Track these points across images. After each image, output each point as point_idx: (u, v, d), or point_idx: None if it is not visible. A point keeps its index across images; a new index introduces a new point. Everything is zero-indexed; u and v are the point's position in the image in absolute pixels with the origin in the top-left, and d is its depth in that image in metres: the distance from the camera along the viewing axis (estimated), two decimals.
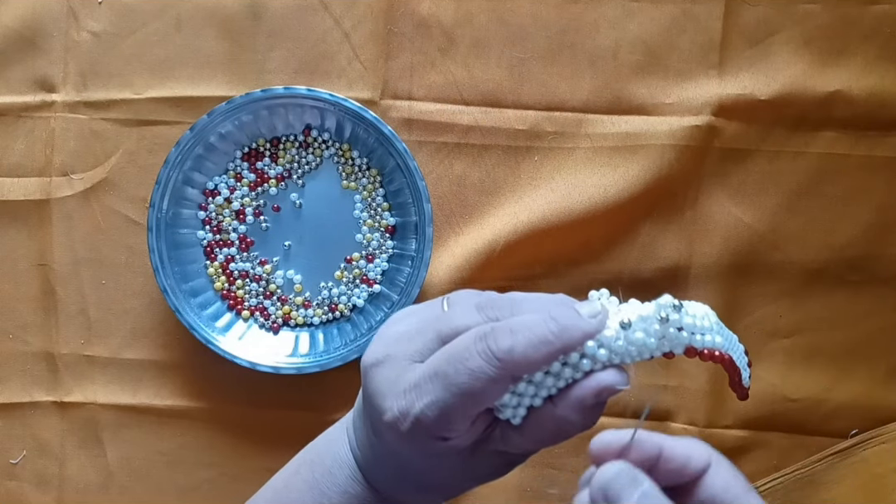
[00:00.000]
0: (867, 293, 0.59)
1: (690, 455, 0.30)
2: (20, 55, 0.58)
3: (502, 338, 0.30)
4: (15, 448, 0.59)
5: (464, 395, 0.30)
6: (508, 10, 0.58)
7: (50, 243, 0.58)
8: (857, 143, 0.58)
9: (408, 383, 0.32)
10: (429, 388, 0.31)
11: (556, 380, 0.32)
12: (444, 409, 0.31)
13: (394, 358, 0.33)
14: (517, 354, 0.30)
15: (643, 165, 0.57)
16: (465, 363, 0.30)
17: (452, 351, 0.31)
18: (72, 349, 0.59)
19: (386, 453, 0.35)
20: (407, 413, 0.31)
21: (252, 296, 0.58)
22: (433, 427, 0.31)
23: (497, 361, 0.30)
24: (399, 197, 0.57)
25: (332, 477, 0.37)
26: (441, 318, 0.33)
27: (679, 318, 0.33)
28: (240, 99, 0.55)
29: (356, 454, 0.38)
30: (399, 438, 0.32)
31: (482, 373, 0.30)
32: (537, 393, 0.32)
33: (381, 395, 0.32)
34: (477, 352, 0.30)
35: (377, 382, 0.33)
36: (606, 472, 0.29)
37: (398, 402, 0.31)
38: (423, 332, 0.33)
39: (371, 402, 0.33)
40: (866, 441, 0.57)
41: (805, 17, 0.57)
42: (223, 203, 0.58)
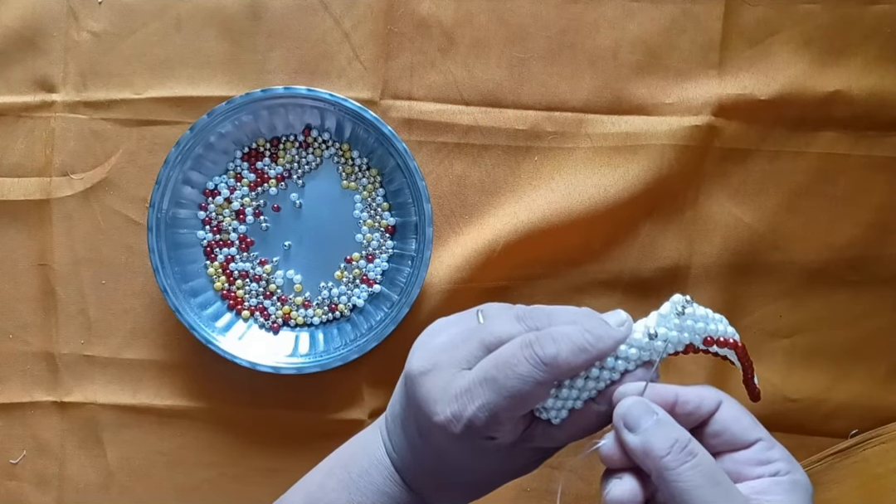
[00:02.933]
0: (867, 293, 0.59)
1: (703, 397, 0.34)
2: (20, 55, 0.58)
3: (548, 345, 0.33)
4: (15, 448, 0.59)
5: (513, 397, 0.33)
6: (508, 10, 0.58)
7: (50, 243, 0.58)
8: (857, 143, 0.58)
9: (458, 388, 0.34)
10: (480, 392, 0.34)
11: (595, 383, 0.36)
12: (494, 411, 0.33)
13: (441, 366, 0.35)
14: (561, 360, 0.33)
15: (643, 165, 0.57)
16: (515, 368, 0.33)
17: (501, 358, 0.34)
18: (72, 349, 0.59)
19: (430, 454, 0.37)
20: (460, 416, 0.34)
21: (252, 296, 0.58)
22: (484, 428, 0.34)
23: (544, 367, 0.33)
24: (399, 197, 0.57)
25: (369, 477, 0.39)
26: (483, 328, 0.36)
27: (693, 311, 0.36)
28: (240, 99, 0.55)
29: (392, 456, 0.40)
30: (449, 439, 0.35)
31: (530, 377, 0.33)
32: (579, 396, 0.36)
33: (433, 401, 0.35)
34: (525, 357, 0.33)
35: (427, 389, 0.35)
36: (625, 403, 0.34)
37: (451, 406, 0.34)
38: (468, 342, 0.36)
39: (421, 408, 0.35)
40: (866, 441, 0.57)
41: (805, 17, 0.57)
42: (223, 203, 0.58)
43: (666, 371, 0.58)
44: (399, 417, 0.39)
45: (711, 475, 0.32)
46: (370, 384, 0.58)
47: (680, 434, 0.32)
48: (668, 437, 0.32)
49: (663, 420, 0.33)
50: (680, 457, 0.32)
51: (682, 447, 0.32)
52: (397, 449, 0.40)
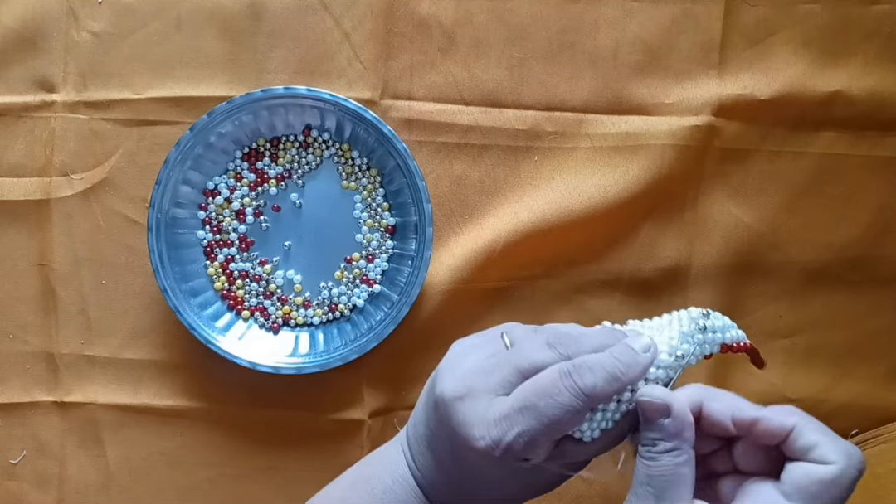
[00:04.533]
0: (867, 293, 0.59)
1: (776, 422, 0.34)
2: (20, 55, 0.58)
3: (586, 376, 0.35)
4: (15, 448, 0.59)
5: (553, 424, 0.35)
6: (508, 10, 0.58)
7: (50, 243, 0.58)
8: (857, 143, 0.58)
9: (497, 414, 0.35)
10: (519, 420, 0.35)
11: (627, 406, 0.37)
12: (534, 437, 0.35)
13: (476, 391, 0.36)
14: (598, 390, 0.35)
15: (643, 165, 0.57)
16: (556, 398, 0.35)
17: (540, 387, 0.35)
18: (72, 349, 0.59)
19: (461, 475, 0.38)
20: (500, 441, 0.35)
21: (252, 296, 0.58)
22: (521, 452, 0.35)
23: (584, 396, 0.35)
24: (399, 197, 0.57)
25: (393, 494, 0.40)
26: (515, 353, 0.37)
27: (712, 324, 0.38)
28: (240, 99, 0.55)
29: (416, 474, 0.40)
30: (486, 463, 0.36)
31: (571, 407, 0.35)
32: (611, 417, 0.37)
33: (470, 426, 0.36)
34: (565, 387, 0.35)
35: (463, 414, 0.36)
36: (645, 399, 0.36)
37: (490, 432, 0.35)
38: (501, 367, 0.37)
39: (457, 432, 0.36)
40: (866, 441, 0.57)
41: (805, 17, 0.57)
42: (223, 203, 0.58)
43: None
44: (425, 438, 0.40)
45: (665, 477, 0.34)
46: (370, 384, 0.58)
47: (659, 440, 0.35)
48: (652, 436, 0.35)
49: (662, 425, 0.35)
50: (645, 451, 0.35)
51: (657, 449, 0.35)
52: (422, 468, 0.40)
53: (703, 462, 0.37)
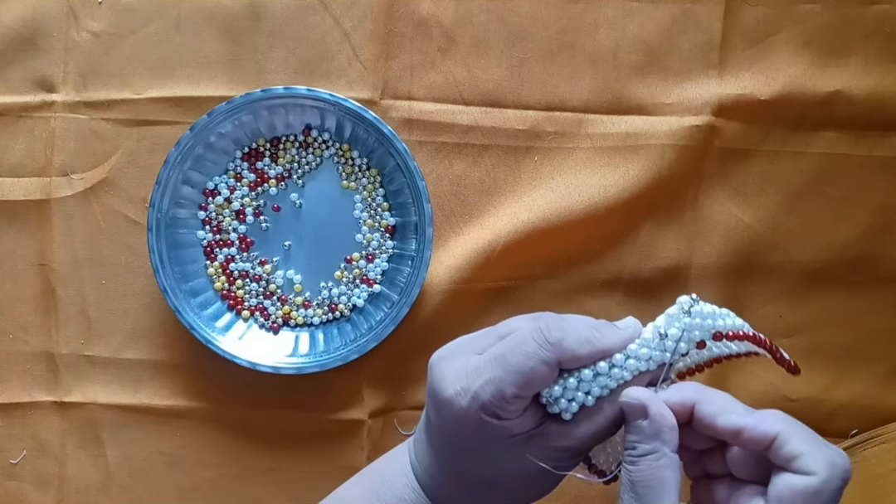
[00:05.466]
0: (867, 293, 0.59)
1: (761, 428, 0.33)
2: (20, 55, 0.58)
3: (554, 331, 0.36)
4: (15, 448, 0.59)
5: (518, 372, 0.35)
6: (508, 10, 0.58)
7: (50, 243, 0.58)
8: (857, 143, 0.58)
9: (469, 366, 0.36)
10: (487, 369, 0.36)
11: (607, 379, 0.37)
12: (500, 386, 0.35)
13: (457, 352, 0.38)
14: (565, 345, 0.36)
15: (643, 165, 0.57)
16: (521, 346, 0.35)
17: (510, 340, 0.36)
18: (72, 349, 0.59)
19: (444, 449, 0.38)
20: (468, 389, 0.35)
21: (252, 296, 0.58)
22: (489, 403, 0.35)
23: (549, 346, 0.35)
24: (399, 197, 0.57)
25: (390, 484, 0.41)
26: (501, 324, 0.39)
27: (700, 309, 0.37)
28: (240, 99, 0.55)
29: (414, 465, 0.41)
30: (457, 418, 0.36)
31: (535, 354, 0.35)
32: (589, 391, 0.37)
33: (444, 379, 0.37)
34: (532, 337, 0.36)
35: (441, 370, 0.37)
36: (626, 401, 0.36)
37: (460, 382, 0.36)
38: (485, 335, 0.39)
39: (434, 388, 0.37)
40: (866, 441, 0.57)
41: (805, 17, 0.57)
42: (223, 203, 0.58)
43: None
44: (422, 421, 0.40)
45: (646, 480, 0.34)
46: (370, 384, 0.58)
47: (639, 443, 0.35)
48: (633, 438, 0.35)
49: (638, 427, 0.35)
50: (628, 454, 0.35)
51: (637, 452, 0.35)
52: (419, 454, 0.40)
53: (700, 462, 0.37)
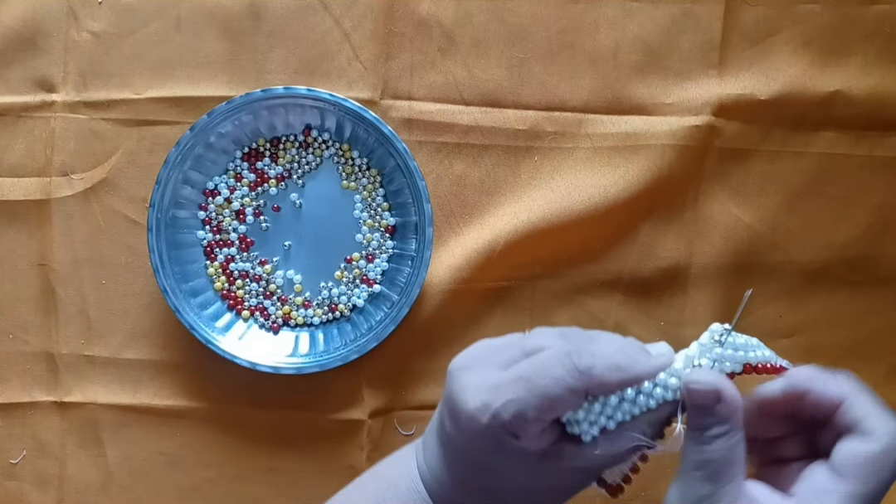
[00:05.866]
0: (867, 293, 0.59)
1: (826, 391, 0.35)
2: (20, 55, 0.58)
3: (585, 357, 0.34)
4: (15, 448, 0.59)
5: (542, 397, 0.34)
6: (508, 10, 0.58)
7: (50, 243, 0.58)
8: (857, 143, 0.58)
9: (492, 382, 0.35)
10: (511, 388, 0.34)
11: (631, 406, 0.36)
12: (522, 407, 0.34)
13: (480, 364, 0.37)
14: (595, 373, 0.34)
15: (643, 165, 0.57)
16: (549, 371, 0.34)
17: (538, 361, 0.35)
18: (72, 349, 0.59)
19: (457, 459, 0.38)
20: (489, 405, 0.34)
21: (252, 296, 0.58)
22: (509, 423, 0.34)
23: (578, 374, 0.34)
24: (399, 197, 0.57)
25: (395, 489, 0.40)
26: (526, 337, 0.38)
27: (733, 340, 0.37)
28: (240, 99, 0.55)
29: (423, 470, 0.40)
30: (475, 433, 0.35)
31: (563, 381, 0.34)
32: (612, 416, 0.36)
33: (464, 391, 0.36)
34: (561, 363, 0.34)
35: (462, 381, 0.36)
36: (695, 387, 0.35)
37: (482, 396, 0.35)
38: (509, 347, 0.37)
39: (454, 399, 0.36)
40: None
41: (805, 17, 0.57)
42: (223, 203, 0.58)
43: None
44: (434, 425, 0.40)
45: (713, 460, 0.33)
46: (370, 384, 0.58)
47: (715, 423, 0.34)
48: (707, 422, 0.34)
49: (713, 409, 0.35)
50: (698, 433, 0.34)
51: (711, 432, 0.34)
52: (428, 460, 0.40)
53: (768, 447, 0.37)
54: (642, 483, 0.58)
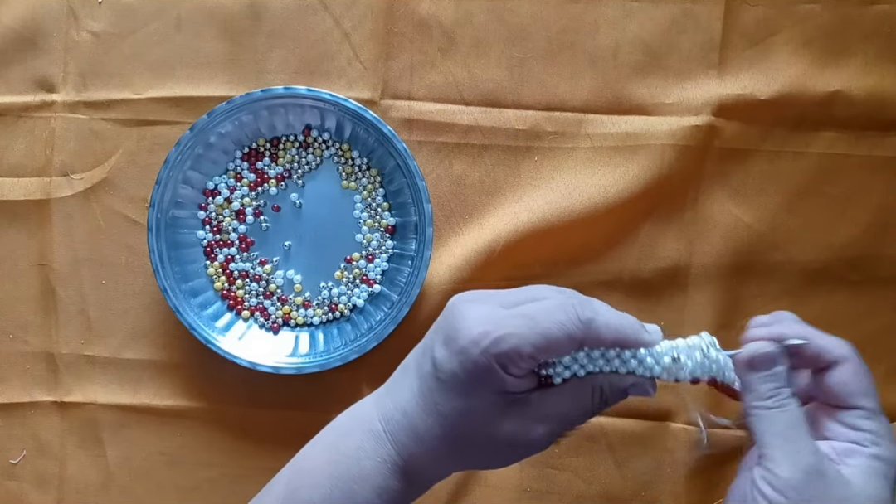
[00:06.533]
0: (867, 293, 0.59)
1: (824, 351, 0.39)
2: (20, 55, 0.58)
3: (588, 310, 0.37)
4: (15, 448, 0.59)
5: (543, 336, 0.36)
6: (508, 10, 0.58)
7: (50, 243, 0.58)
8: (857, 143, 0.58)
9: (496, 316, 0.37)
10: (515, 323, 0.37)
11: (605, 363, 0.39)
12: (521, 342, 0.36)
13: (484, 300, 0.39)
14: (594, 326, 0.37)
15: (643, 165, 0.57)
16: (553, 314, 0.37)
17: (543, 305, 0.38)
18: (72, 349, 0.59)
19: (434, 389, 0.38)
20: (490, 333, 0.36)
21: (252, 296, 0.58)
22: (505, 353, 0.36)
23: (579, 323, 0.37)
24: (399, 197, 0.57)
25: (350, 435, 0.40)
26: (533, 287, 0.40)
27: (716, 355, 0.39)
28: (240, 99, 0.55)
29: (386, 408, 0.40)
30: (467, 357, 0.37)
31: (565, 326, 0.37)
32: (584, 366, 0.39)
33: (466, 318, 0.37)
34: (565, 310, 0.37)
35: (464, 311, 0.38)
36: (752, 347, 0.39)
37: (485, 325, 0.37)
38: (513, 293, 0.40)
39: (455, 325, 0.37)
40: None
41: (805, 17, 0.57)
42: (223, 203, 0.58)
43: None
44: (412, 363, 0.40)
45: (792, 423, 0.37)
46: (370, 384, 0.58)
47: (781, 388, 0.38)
48: (772, 386, 0.38)
49: (778, 373, 0.38)
50: (772, 402, 0.37)
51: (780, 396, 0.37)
52: (395, 395, 0.40)
53: None
54: (642, 483, 0.58)
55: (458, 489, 0.58)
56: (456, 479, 0.58)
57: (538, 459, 0.58)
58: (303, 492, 0.40)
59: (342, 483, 0.39)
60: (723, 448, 0.58)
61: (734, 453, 0.58)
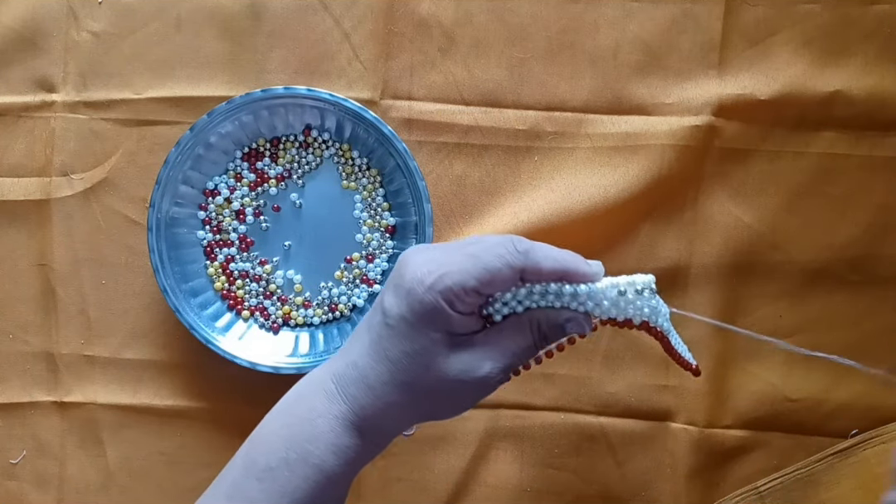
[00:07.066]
0: (867, 293, 0.59)
1: None
2: (20, 55, 0.58)
3: (525, 243, 0.39)
4: (15, 448, 0.59)
5: (484, 269, 0.38)
6: (508, 10, 0.58)
7: (50, 243, 0.58)
8: (857, 143, 0.58)
9: (440, 257, 0.39)
10: (457, 261, 0.39)
11: (540, 297, 0.40)
12: (464, 277, 0.38)
13: (429, 248, 0.41)
14: (532, 255, 0.39)
15: (643, 165, 0.57)
16: (492, 249, 0.39)
17: (482, 242, 0.40)
18: (72, 349, 0.59)
19: (384, 336, 0.39)
20: (433, 272, 0.38)
21: (252, 296, 0.58)
22: (449, 288, 0.38)
23: (517, 253, 0.39)
24: (399, 197, 0.57)
25: (303, 399, 0.41)
26: (470, 237, 0.42)
27: (649, 299, 0.41)
28: (240, 99, 0.55)
29: (338, 366, 0.41)
30: (415, 298, 0.38)
31: (503, 258, 0.38)
32: (521, 302, 0.41)
33: (412, 263, 0.39)
34: (503, 244, 0.39)
35: (411, 257, 0.39)
36: None
37: (428, 266, 0.38)
38: (461, 241, 0.42)
39: (400, 270, 0.39)
40: (866, 441, 0.57)
41: (805, 17, 0.57)
42: (223, 203, 0.58)
43: (664, 369, 0.58)
44: (364, 321, 0.41)
45: None
46: None
47: None
48: None
49: None
50: None
51: None
52: (348, 353, 0.41)
53: None
54: (642, 483, 0.58)
55: (458, 489, 0.58)
56: (456, 479, 0.58)
57: (538, 459, 0.58)
58: (260, 459, 0.40)
59: (296, 444, 0.39)
60: (723, 448, 0.58)
61: (734, 453, 0.58)
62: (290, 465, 0.39)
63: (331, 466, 0.39)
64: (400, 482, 0.59)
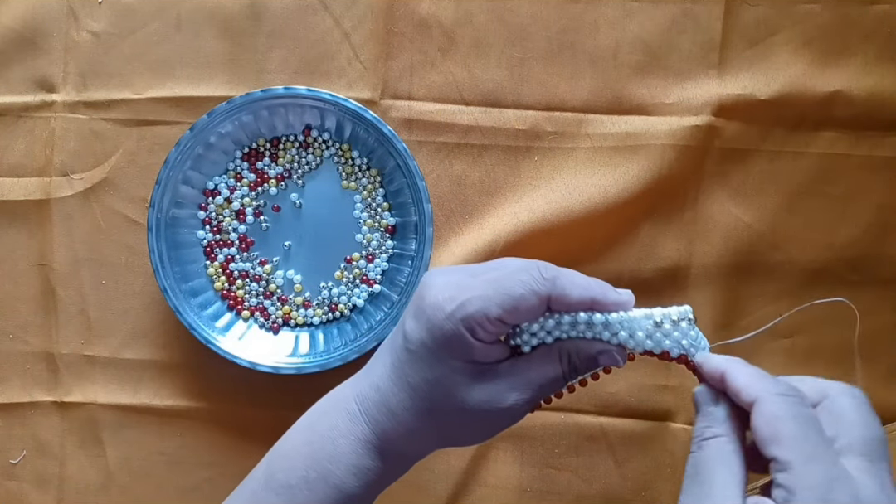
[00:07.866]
0: (867, 293, 0.59)
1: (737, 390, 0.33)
2: (20, 55, 0.58)
3: (551, 269, 0.37)
4: (15, 448, 0.59)
5: (508, 296, 0.36)
6: (508, 10, 0.58)
7: (50, 243, 0.58)
8: (857, 143, 0.58)
9: (463, 282, 0.37)
10: (480, 287, 0.37)
11: (570, 328, 0.38)
12: (487, 304, 0.36)
13: (453, 271, 0.39)
14: (559, 282, 0.37)
15: (643, 165, 0.57)
16: (516, 275, 0.37)
17: (507, 267, 0.38)
18: (72, 349, 0.59)
19: (406, 361, 0.38)
20: (455, 297, 0.36)
21: (252, 296, 0.58)
22: (471, 316, 0.36)
23: (543, 280, 0.37)
24: (399, 197, 0.57)
25: (327, 416, 0.40)
26: (495, 260, 0.40)
27: (687, 329, 0.37)
28: (240, 99, 0.55)
29: (361, 387, 0.40)
30: (436, 324, 0.36)
31: (528, 283, 0.36)
32: (551, 332, 0.38)
33: (435, 287, 0.37)
34: (528, 270, 0.37)
35: (433, 280, 0.38)
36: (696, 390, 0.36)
37: (451, 291, 0.37)
38: (482, 265, 0.40)
39: (422, 293, 0.38)
40: None
41: (805, 17, 0.57)
42: (223, 203, 0.58)
43: (664, 369, 0.58)
44: (387, 343, 0.40)
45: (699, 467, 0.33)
46: None
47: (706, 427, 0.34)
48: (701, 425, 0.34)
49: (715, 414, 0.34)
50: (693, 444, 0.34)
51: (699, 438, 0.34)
52: (370, 374, 0.40)
53: None
54: (642, 483, 0.58)
55: (458, 489, 0.58)
56: (456, 479, 0.58)
57: (538, 459, 0.58)
58: (280, 475, 0.40)
59: (317, 463, 0.39)
60: None
61: None
62: (310, 483, 0.39)
63: (350, 488, 0.39)
64: (400, 482, 0.59)
